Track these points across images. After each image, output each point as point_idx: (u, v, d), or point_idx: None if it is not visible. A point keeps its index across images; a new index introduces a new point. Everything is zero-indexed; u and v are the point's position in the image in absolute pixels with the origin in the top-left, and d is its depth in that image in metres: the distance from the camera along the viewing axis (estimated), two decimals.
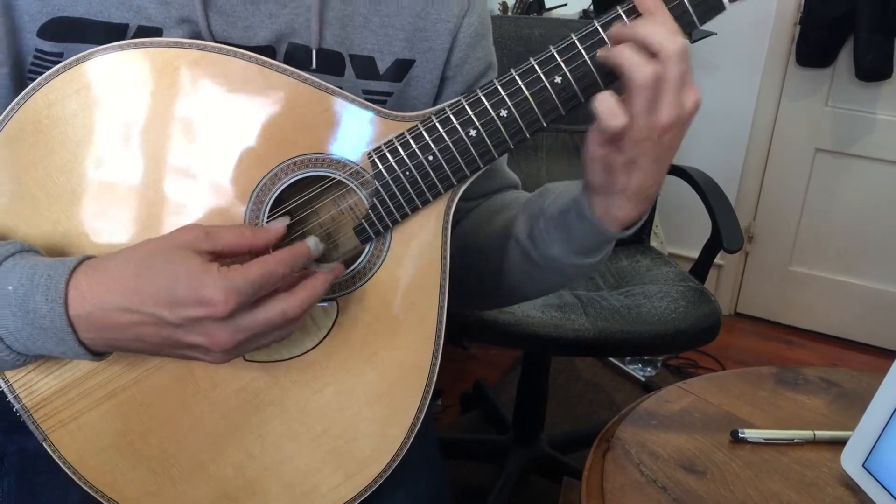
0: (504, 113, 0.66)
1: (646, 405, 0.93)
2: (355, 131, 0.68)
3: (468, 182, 0.69)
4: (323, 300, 0.67)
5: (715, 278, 2.77)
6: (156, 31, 0.69)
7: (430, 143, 0.66)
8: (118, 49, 0.64)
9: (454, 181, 0.68)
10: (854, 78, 2.40)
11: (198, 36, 0.69)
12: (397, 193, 0.68)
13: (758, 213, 2.72)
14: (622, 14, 0.63)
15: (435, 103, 0.81)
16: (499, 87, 0.65)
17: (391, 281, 0.70)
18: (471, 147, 0.67)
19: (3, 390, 0.67)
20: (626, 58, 0.61)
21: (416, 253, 0.71)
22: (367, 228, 0.69)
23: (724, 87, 2.60)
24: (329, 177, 0.68)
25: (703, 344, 1.58)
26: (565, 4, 2.42)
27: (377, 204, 0.68)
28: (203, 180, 0.66)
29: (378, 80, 0.77)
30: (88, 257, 0.62)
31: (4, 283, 0.59)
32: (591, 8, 2.38)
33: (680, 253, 2.68)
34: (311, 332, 0.70)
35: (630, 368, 2.36)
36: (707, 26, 2.69)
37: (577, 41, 0.64)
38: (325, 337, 0.70)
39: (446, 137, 0.66)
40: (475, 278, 0.83)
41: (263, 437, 0.70)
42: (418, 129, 0.67)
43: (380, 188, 0.67)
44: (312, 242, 0.65)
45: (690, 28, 0.63)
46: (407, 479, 0.76)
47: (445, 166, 0.67)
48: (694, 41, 2.28)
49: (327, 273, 0.64)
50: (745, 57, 2.57)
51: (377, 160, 0.67)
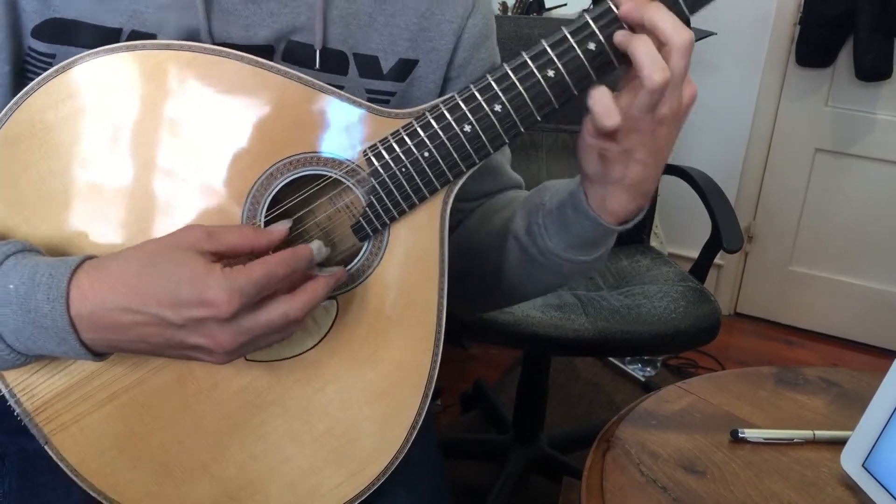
0: (498, 108, 0.65)
1: (646, 405, 0.93)
2: (351, 129, 0.68)
3: (464, 177, 0.69)
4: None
5: (715, 278, 2.77)
6: (149, 37, 0.69)
7: (426, 139, 0.66)
8: (110, 52, 0.64)
9: (450, 177, 0.68)
10: (854, 78, 2.40)
11: (197, 35, 0.69)
12: (394, 190, 0.68)
13: (758, 213, 2.72)
14: (612, 7, 0.63)
15: None
16: (492, 83, 0.65)
17: (390, 278, 0.71)
18: (466, 143, 0.66)
19: (3, 394, 0.66)
20: (644, 55, 0.60)
21: (414, 250, 0.71)
22: (365, 226, 0.69)
23: (724, 86, 2.60)
24: (325, 175, 0.68)
25: (703, 344, 1.58)
26: (565, 4, 2.41)
27: (374, 201, 0.68)
28: (199, 181, 0.66)
29: (381, 80, 0.77)
30: (90, 257, 0.61)
31: (6, 282, 0.59)
32: (591, 8, 2.37)
33: (680, 253, 2.68)
34: (311, 330, 0.70)
35: (630, 368, 2.36)
36: (707, 26, 2.67)
37: (568, 35, 0.64)
38: (325, 335, 0.70)
39: (441, 133, 0.66)
40: (476, 278, 0.83)
41: (265, 437, 0.70)
42: (413, 125, 0.67)
43: (376, 186, 0.67)
44: (316, 246, 0.65)
45: (681, 18, 0.62)
46: (407, 478, 0.76)
47: (441, 162, 0.67)
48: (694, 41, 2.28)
49: (329, 277, 0.65)
50: (744, 57, 2.57)
51: (373, 158, 0.67)
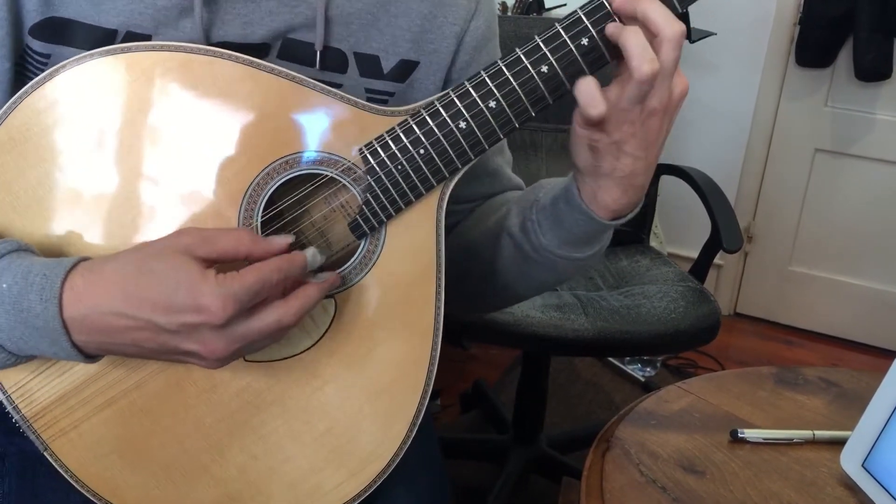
0: (493, 104, 0.66)
1: (645, 405, 0.93)
2: (346, 127, 0.68)
3: (460, 174, 0.69)
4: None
5: (714, 278, 2.77)
6: (145, 38, 0.69)
7: (421, 136, 0.66)
8: (105, 55, 0.64)
9: (446, 174, 0.68)
10: (854, 78, 2.40)
11: (194, 35, 0.69)
12: (390, 188, 0.68)
13: (757, 213, 2.72)
14: (605, 2, 0.63)
15: None
16: (486, 79, 0.65)
17: (387, 276, 0.71)
18: (461, 139, 0.67)
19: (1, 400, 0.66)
20: (634, 46, 0.60)
21: (411, 247, 0.71)
22: (362, 224, 0.69)
23: (724, 87, 2.61)
24: (321, 174, 0.68)
25: (703, 344, 1.58)
26: (565, 4, 2.42)
27: (370, 199, 0.68)
28: (195, 183, 0.66)
29: (382, 80, 0.77)
30: (85, 258, 0.61)
31: None
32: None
33: (679, 253, 2.68)
34: (310, 330, 0.70)
35: (629, 368, 2.36)
36: (707, 26, 2.67)
37: (561, 30, 0.64)
38: (324, 335, 0.70)
39: (436, 130, 0.66)
40: (475, 278, 0.83)
41: (265, 438, 0.70)
42: (408, 123, 0.67)
43: (372, 183, 0.67)
44: (310, 254, 0.64)
45: (673, 13, 0.62)
46: (408, 477, 0.76)
47: (437, 159, 0.67)
48: (693, 41, 2.28)
49: (322, 283, 0.64)
50: (744, 57, 2.57)
51: (369, 156, 0.67)
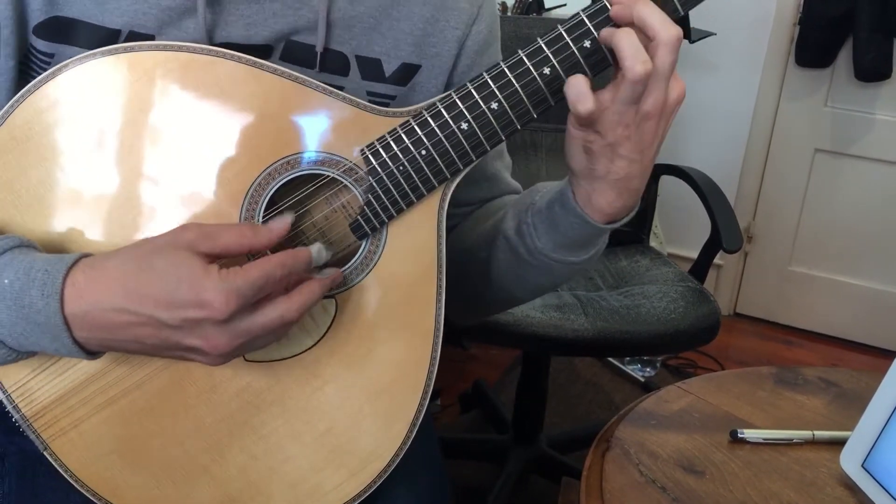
0: (495, 105, 0.66)
1: (645, 405, 0.93)
2: (347, 128, 0.68)
3: (462, 175, 0.69)
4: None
5: (714, 278, 2.77)
6: (148, 38, 0.69)
7: (423, 137, 0.67)
8: (107, 54, 0.64)
9: (447, 175, 0.68)
10: (853, 78, 2.40)
11: (197, 36, 0.69)
12: (392, 189, 0.68)
13: (757, 214, 2.72)
14: (608, 5, 0.63)
15: None
16: (489, 80, 0.65)
17: (388, 276, 0.71)
18: (463, 140, 0.67)
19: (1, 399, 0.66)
20: (625, 45, 0.60)
21: (412, 247, 0.71)
22: (364, 225, 0.69)
23: (724, 87, 2.61)
24: (322, 175, 0.68)
25: (703, 344, 1.58)
26: (564, 5, 2.41)
27: (372, 200, 0.68)
28: (196, 183, 0.66)
29: (383, 83, 0.77)
30: (87, 255, 0.61)
31: (1, 277, 0.59)
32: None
33: (679, 253, 2.68)
34: (310, 329, 0.70)
35: (629, 368, 2.36)
36: (707, 26, 2.67)
37: (563, 32, 0.64)
38: (324, 334, 0.70)
39: (438, 131, 0.66)
40: (472, 280, 0.83)
41: (266, 438, 0.71)
42: (410, 124, 0.67)
43: (374, 184, 0.68)
44: (316, 249, 0.65)
45: (674, 17, 0.63)
46: (408, 477, 0.76)
47: (439, 160, 0.67)
48: (693, 41, 2.28)
49: (325, 279, 0.65)
50: (744, 57, 2.57)
51: (370, 156, 0.67)
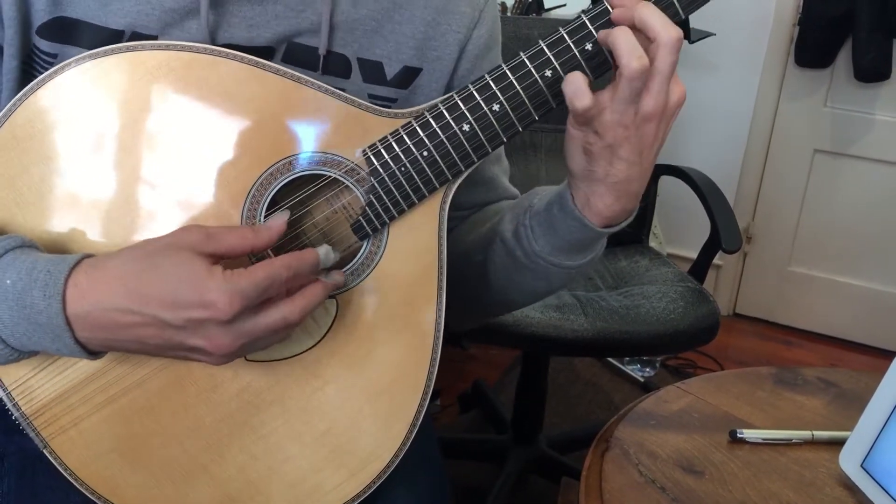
0: (496, 107, 0.66)
1: (644, 405, 0.93)
2: (350, 129, 0.68)
3: (463, 176, 0.69)
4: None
5: (714, 279, 2.77)
6: (150, 38, 0.69)
7: (425, 138, 0.67)
8: (110, 53, 0.64)
9: (449, 176, 0.68)
10: (853, 79, 2.40)
11: (200, 37, 0.69)
12: (393, 190, 0.68)
13: (756, 214, 2.72)
14: (609, 7, 0.63)
15: None
16: (490, 82, 0.66)
17: (389, 277, 0.71)
18: (464, 142, 0.67)
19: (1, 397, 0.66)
20: (621, 43, 0.61)
21: (413, 248, 0.71)
22: (365, 226, 0.69)
23: (723, 87, 2.61)
24: (324, 175, 0.68)
25: (702, 344, 1.58)
26: (564, 5, 2.41)
27: (373, 201, 0.68)
28: (198, 182, 0.66)
29: (385, 86, 0.77)
30: (89, 255, 0.61)
31: (3, 277, 0.59)
32: (590, 8, 2.38)
33: (679, 253, 2.68)
34: (311, 330, 0.70)
35: (629, 369, 2.36)
36: (706, 27, 2.67)
37: (565, 35, 0.64)
38: (325, 335, 0.70)
39: (440, 133, 0.67)
40: (470, 283, 0.83)
41: (265, 438, 0.71)
42: (412, 125, 0.67)
43: (376, 185, 0.68)
44: (323, 251, 0.65)
45: (675, 20, 0.63)
46: (407, 477, 0.76)
47: (440, 161, 0.67)
48: (693, 41, 2.28)
49: (328, 282, 0.65)
50: (744, 57, 2.57)
51: (372, 157, 0.67)
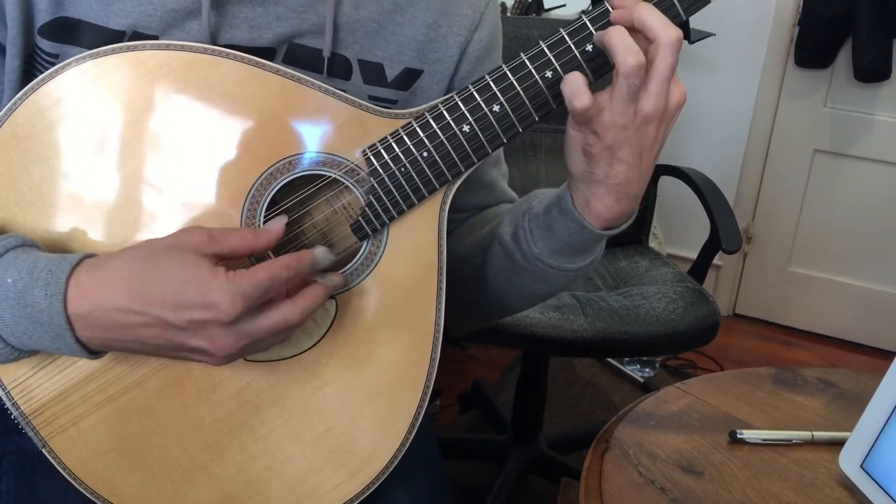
0: (496, 108, 0.66)
1: (644, 406, 0.93)
2: (350, 129, 0.68)
3: (463, 177, 0.69)
4: None
5: (713, 279, 2.78)
6: (151, 39, 0.68)
7: (425, 139, 0.67)
8: (110, 53, 0.64)
9: (449, 177, 0.68)
10: (853, 79, 2.40)
11: (201, 38, 0.69)
12: (393, 190, 0.68)
13: (756, 214, 2.72)
14: (609, 8, 0.63)
15: None
16: (491, 83, 0.66)
17: (389, 278, 0.71)
18: (464, 142, 0.67)
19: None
20: (617, 41, 0.61)
21: (413, 249, 0.71)
22: (365, 226, 0.69)
23: (723, 87, 2.61)
24: (324, 175, 0.68)
25: (702, 344, 1.58)
26: (564, 5, 2.42)
27: (373, 201, 0.68)
28: (198, 182, 0.66)
29: (385, 88, 0.77)
30: (90, 255, 0.61)
31: (4, 276, 0.59)
32: (590, 8, 2.38)
33: (678, 254, 2.68)
34: (310, 330, 0.70)
35: (628, 369, 2.36)
36: (706, 27, 2.67)
37: (565, 35, 0.64)
38: (324, 335, 0.70)
39: (440, 133, 0.66)
40: (468, 286, 0.82)
41: (265, 438, 0.70)
42: (412, 125, 0.67)
43: (375, 185, 0.68)
44: (320, 252, 0.65)
45: (676, 21, 0.63)
46: (407, 478, 0.76)
47: (440, 162, 0.67)
48: (693, 42, 2.28)
49: (328, 283, 0.65)
50: (743, 57, 2.57)
51: (372, 157, 0.67)
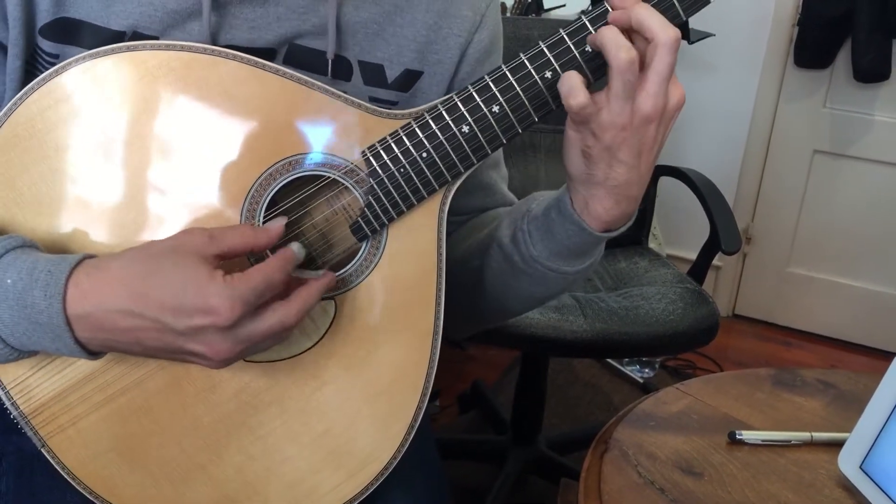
0: (496, 109, 0.66)
1: (644, 406, 0.93)
2: (349, 130, 0.68)
3: (463, 177, 0.69)
4: (321, 298, 0.67)
5: (713, 280, 2.78)
6: (152, 39, 0.69)
7: (424, 139, 0.67)
8: (110, 53, 0.64)
9: (448, 178, 0.68)
10: (852, 79, 2.40)
11: (201, 39, 0.69)
12: (392, 191, 0.68)
13: (756, 215, 2.72)
14: (609, 9, 0.63)
15: None
16: (490, 84, 0.65)
17: (388, 279, 0.71)
18: (464, 143, 0.67)
19: None
20: (608, 39, 0.61)
21: (412, 250, 0.71)
22: (364, 227, 0.69)
23: (723, 88, 2.61)
24: (324, 176, 0.68)
25: (701, 345, 1.59)
26: (564, 5, 2.42)
27: (373, 202, 0.68)
28: (198, 183, 0.66)
29: (385, 89, 0.77)
30: (90, 256, 0.61)
31: (4, 277, 0.59)
32: (590, 9, 2.38)
33: (678, 254, 2.68)
34: (309, 331, 0.70)
35: (628, 370, 2.36)
36: (706, 27, 2.68)
37: (565, 36, 0.64)
38: (323, 335, 0.70)
39: (440, 134, 0.66)
40: (466, 289, 0.82)
41: (264, 438, 0.70)
42: (412, 126, 0.67)
43: (375, 186, 0.68)
44: (296, 247, 0.65)
45: (676, 22, 0.63)
46: (406, 479, 0.76)
47: (440, 163, 0.67)
48: (692, 42, 2.28)
49: (320, 282, 0.65)
50: (743, 58, 2.57)
51: (371, 158, 0.67)
